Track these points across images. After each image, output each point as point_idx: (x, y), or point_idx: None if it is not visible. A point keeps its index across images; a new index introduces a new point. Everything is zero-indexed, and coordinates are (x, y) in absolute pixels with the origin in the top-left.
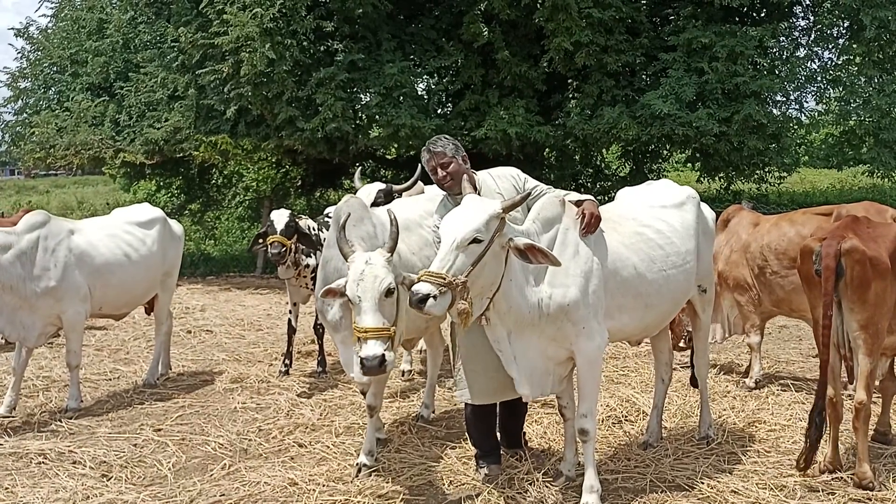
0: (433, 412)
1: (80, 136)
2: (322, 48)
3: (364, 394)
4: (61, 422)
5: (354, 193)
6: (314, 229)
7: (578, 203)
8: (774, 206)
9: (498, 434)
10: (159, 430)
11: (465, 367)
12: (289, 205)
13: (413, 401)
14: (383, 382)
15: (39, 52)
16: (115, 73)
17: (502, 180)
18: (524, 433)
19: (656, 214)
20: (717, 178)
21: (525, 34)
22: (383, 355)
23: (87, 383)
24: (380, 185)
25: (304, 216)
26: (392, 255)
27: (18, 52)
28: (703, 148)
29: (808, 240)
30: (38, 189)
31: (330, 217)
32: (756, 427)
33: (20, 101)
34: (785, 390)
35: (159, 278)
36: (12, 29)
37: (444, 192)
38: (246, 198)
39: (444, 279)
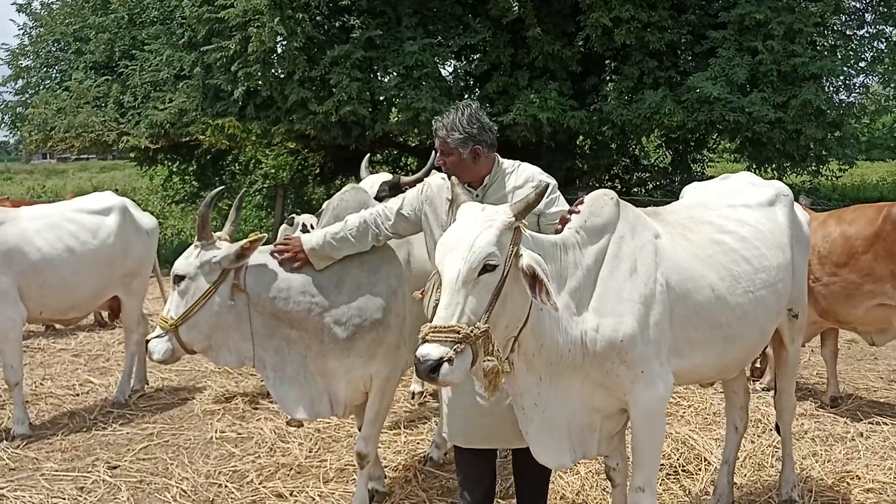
0: (445, 453)
1: (80, 118)
2: (337, 24)
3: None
4: (2, 452)
5: (358, 184)
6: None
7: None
8: (825, 202)
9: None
10: (115, 467)
11: (447, 400)
12: (306, 193)
13: (423, 434)
14: (378, 426)
15: (42, 29)
16: (119, 52)
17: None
18: None
19: (739, 217)
20: (767, 170)
21: (559, 10)
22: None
23: (50, 399)
24: (385, 176)
25: (299, 212)
26: (200, 243)
27: (20, 29)
28: (755, 136)
29: None
30: (68, 173)
31: None
32: (848, 484)
33: (21, 80)
34: (875, 430)
35: (118, 278)
36: (14, 3)
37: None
38: (263, 185)
39: (458, 332)
